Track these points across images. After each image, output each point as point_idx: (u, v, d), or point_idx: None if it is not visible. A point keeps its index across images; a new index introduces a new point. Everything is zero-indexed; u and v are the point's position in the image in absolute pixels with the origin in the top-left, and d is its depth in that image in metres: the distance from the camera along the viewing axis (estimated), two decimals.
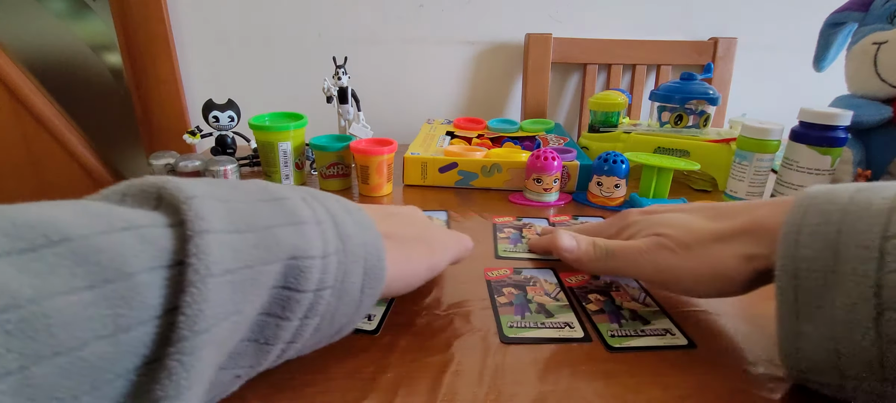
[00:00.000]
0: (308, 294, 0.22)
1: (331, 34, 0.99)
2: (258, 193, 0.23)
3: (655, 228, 0.32)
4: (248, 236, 0.20)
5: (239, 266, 0.19)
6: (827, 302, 0.23)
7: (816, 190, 0.26)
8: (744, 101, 1.06)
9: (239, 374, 0.22)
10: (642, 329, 0.33)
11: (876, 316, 0.21)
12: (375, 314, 0.34)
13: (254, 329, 0.21)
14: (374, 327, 0.33)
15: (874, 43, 0.56)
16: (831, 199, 0.24)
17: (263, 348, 0.22)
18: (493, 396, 0.27)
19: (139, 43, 0.94)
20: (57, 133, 1.02)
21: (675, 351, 0.31)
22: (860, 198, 0.24)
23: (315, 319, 0.23)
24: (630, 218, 0.36)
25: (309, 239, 0.22)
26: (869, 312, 0.21)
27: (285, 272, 0.21)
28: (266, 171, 0.61)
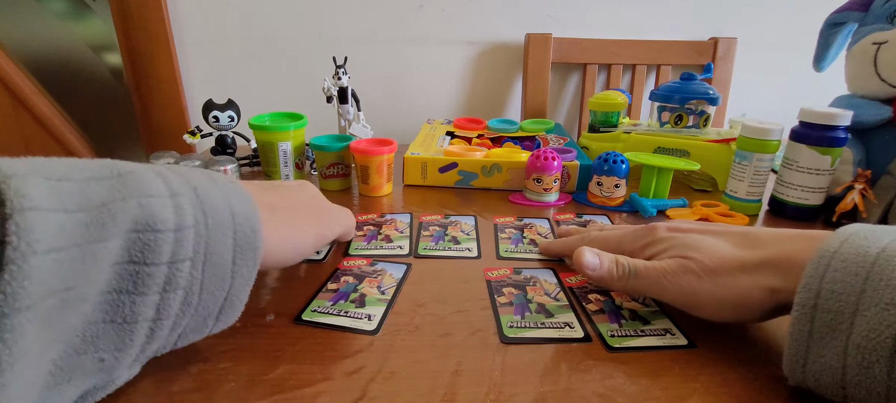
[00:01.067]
0: (162, 267, 0.22)
1: (331, 34, 0.99)
2: (99, 170, 0.22)
3: (682, 251, 0.32)
4: (78, 215, 0.20)
5: (66, 244, 0.19)
6: (844, 327, 0.23)
7: (858, 228, 0.26)
8: (744, 101, 1.07)
9: (103, 357, 0.22)
10: (642, 329, 0.33)
11: (893, 345, 0.21)
12: (375, 314, 0.34)
13: (105, 308, 0.21)
14: (374, 327, 0.33)
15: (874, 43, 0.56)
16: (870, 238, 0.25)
17: (124, 328, 0.22)
18: (493, 396, 0.27)
19: (139, 43, 0.94)
20: (57, 133, 1.02)
21: (675, 351, 0.31)
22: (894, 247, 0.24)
23: (178, 293, 0.23)
24: (658, 235, 0.35)
25: (155, 212, 0.22)
26: (888, 340, 0.21)
27: (128, 247, 0.21)
28: (266, 171, 0.61)
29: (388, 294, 0.37)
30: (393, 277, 0.39)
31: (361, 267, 0.41)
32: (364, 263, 0.42)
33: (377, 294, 0.37)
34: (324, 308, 0.35)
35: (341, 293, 0.37)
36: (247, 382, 0.28)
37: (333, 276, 0.39)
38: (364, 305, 0.35)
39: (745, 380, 0.28)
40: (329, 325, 0.33)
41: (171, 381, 0.27)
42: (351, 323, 0.33)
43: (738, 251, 0.30)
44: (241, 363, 0.29)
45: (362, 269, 0.40)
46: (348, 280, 0.39)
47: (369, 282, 0.38)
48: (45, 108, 1.00)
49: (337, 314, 0.34)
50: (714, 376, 0.29)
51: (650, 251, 0.34)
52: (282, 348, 0.31)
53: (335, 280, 0.38)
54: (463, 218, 0.52)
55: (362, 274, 0.40)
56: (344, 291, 0.37)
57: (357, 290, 0.37)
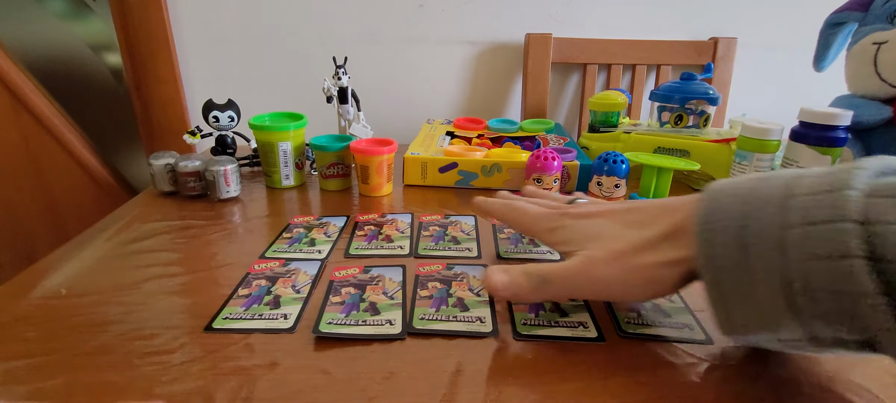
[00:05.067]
0: None
1: (331, 34, 0.99)
2: None
3: (583, 244, 0.32)
4: None
5: None
6: (749, 295, 0.24)
7: (722, 184, 0.27)
8: (744, 101, 1.06)
9: None
10: (662, 321, 0.33)
11: (788, 303, 0.22)
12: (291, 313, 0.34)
13: None
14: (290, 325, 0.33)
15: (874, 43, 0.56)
16: (733, 193, 0.26)
17: None
18: (493, 395, 0.27)
19: (139, 43, 0.94)
20: (57, 133, 1.02)
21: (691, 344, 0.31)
22: (757, 189, 0.25)
23: None
24: (563, 222, 0.35)
25: None
26: (783, 300, 0.23)
27: None
28: (266, 171, 0.61)
29: (303, 292, 0.37)
30: (307, 274, 0.40)
31: (274, 268, 0.41)
32: (276, 264, 0.41)
33: (292, 293, 0.37)
34: (236, 314, 0.34)
35: (254, 297, 0.36)
36: (249, 386, 0.28)
37: (244, 282, 0.39)
38: (278, 306, 0.35)
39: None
40: (243, 329, 0.32)
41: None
42: (266, 324, 0.33)
43: (635, 231, 0.31)
44: None
45: (274, 271, 0.40)
46: (260, 283, 0.38)
47: (283, 283, 0.38)
48: (45, 108, 1.00)
49: (250, 318, 0.34)
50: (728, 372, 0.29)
51: (556, 236, 0.35)
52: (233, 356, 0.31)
53: (246, 285, 0.38)
54: (463, 218, 0.52)
55: (275, 275, 0.40)
56: (257, 295, 0.37)
57: (270, 292, 0.37)
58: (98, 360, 0.29)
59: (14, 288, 0.38)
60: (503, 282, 0.32)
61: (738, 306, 0.25)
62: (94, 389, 0.27)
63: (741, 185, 0.26)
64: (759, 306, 0.24)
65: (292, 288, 0.38)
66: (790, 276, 0.22)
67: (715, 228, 0.25)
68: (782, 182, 0.25)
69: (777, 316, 0.23)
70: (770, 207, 0.24)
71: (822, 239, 0.21)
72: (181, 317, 0.34)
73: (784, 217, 0.23)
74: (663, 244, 0.29)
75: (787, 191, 0.24)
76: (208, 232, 0.48)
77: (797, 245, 0.22)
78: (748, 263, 0.24)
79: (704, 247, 0.26)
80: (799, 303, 0.22)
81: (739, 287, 0.24)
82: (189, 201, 0.56)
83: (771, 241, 0.23)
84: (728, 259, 0.25)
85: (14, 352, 0.30)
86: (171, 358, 0.30)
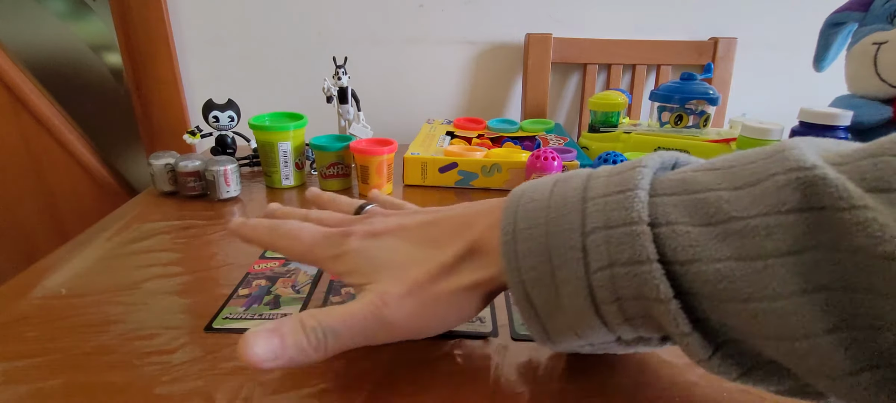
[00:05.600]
0: None
1: (331, 34, 0.99)
2: None
3: (374, 275, 0.27)
4: None
5: None
6: (556, 305, 0.23)
7: (523, 189, 0.26)
8: (744, 101, 1.06)
9: None
10: None
11: (595, 310, 0.22)
12: (291, 314, 0.34)
13: None
14: None
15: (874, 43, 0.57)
16: (535, 197, 0.25)
17: None
18: (493, 395, 0.27)
19: (139, 43, 0.94)
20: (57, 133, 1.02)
21: None
22: (557, 192, 0.24)
23: None
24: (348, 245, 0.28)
25: None
26: (590, 308, 0.22)
27: None
28: (266, 171, 0.61)
29: (303, 292, 0.37)
30: (307, 274, 0.40)
31: (274, 268, 0.41)
32: (276, 264, 0.41)
33: (292, 293, 0.37)
34: (236, 314, 0.34)
35: (254, 297, 0.36)
36: (248, 386, 0.28)
37: (244, 282, 0.39)
38: (278, 306, 0.35)
39: None
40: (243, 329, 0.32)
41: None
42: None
43: (430, 251, 0.27)
44: None
45: (274, 271, 0.40)
46: (260, 283, 0.38)
47: (283, 283, 0.38)
48: (45, 108, 1.00)
49: (250, 318, 0.34)
50: None
51: (340, 266, 0.28)
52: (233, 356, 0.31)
53: (246, 285, 0.38)
54: None
55: (275, 275, 0.40)
56: (257, 295, 0.37)
57: (271, 292, 0.37)
58: (98, 360, 0.29)
59: (14, 288, 0.38)
60: (269, 351, 0.23)
61: (549, 318, 0.24)
62: (94, 389, 0.27)
63: (542, 188, 0.25)
64: (569, 316, 0.23)
65: (292, 288, 0.38)
66: (595, 283, 0.21)
67: (520, 237, 0.24)
68: (580, 182, 0.24)
69: (587, 324, 0.23)
70: (570, 212, 0.23)
71: (622, 244, 0.21)
72: (181, 317, 0.34)
73: (585, 221, 0.22)
74: (463, 266, 0.26)
75: (584, 193, 0.23)
76: (208, 232, 0.48)
77: (599, 251, 0.21)
78: (554, 274, 0.23)
79: (511, 262, 0.24)
80: (604, 311, 0.22)
81: (549, 299, 0.23)
82: (189, 201, 0.56)
83: (574, 248, 0.22)
84: (535, 270, 0.23)
85: (14, 352, 0.30)
86: (171, 358, 0.30)
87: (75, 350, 0.30)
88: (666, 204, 0.21)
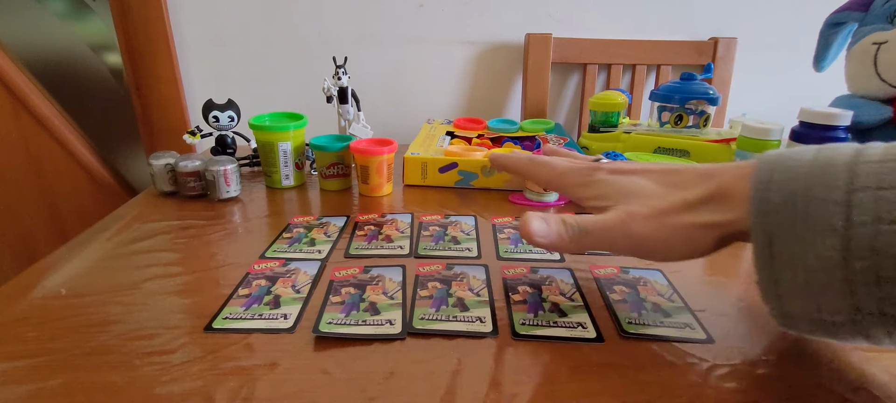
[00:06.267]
0: None
1: (331, 34, 0.99)
2: None
3: (623, 199, 0.31)
4: None
5: None
6: (800, 256, 0.23)
7: (777, 152, 0.27)
8: (744, 101, 1.06)
9: None
10: (662, 320, 0.34)
11: (845, 266, 0.22)
12: (291, 313, 0.34)
13: None
14: (289, 325, 0.33)
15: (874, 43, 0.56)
16: (795, 157, 0.25)
17: None
18: (493, 395, 0.27)
19: (139, 43, 0.94)
20: (57, 133, 1.02)
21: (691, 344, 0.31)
22: (823, 156, 0.25)
23: None
24: (597, 176, 0.34)
25: None
26: (840, 262, 0.22)
27: None
28: (266, 171, 0.61)
29: (303, 292, 0.37)
30: (307, 274, 0.40)
31: (274, 268, 0.41)
32: (276, 264, 0.41)
33: (292, 293, 0.37)
34: (236, 314, 0.34)
35: (254, 297, 0.36)
36: (249, 387, 0.28)
37: (244, 282, 0.39)
38: (279, 306, 0.35)
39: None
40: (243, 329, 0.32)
41: None
42: (266, 324, 0.33)
43: (677, 191, 0.30)
44: None
45: (274, 270, 0.40)
46: (260, 283, 0.38)
47: (283, 283, 0.38)
48: (45, 108, 1.00)
49: (250, 318, 0.34)
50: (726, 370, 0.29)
51: (589, 191, 0.34)
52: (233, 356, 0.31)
53: (246, 285, 0.38)
54: (463, 219, 0.52)
55: (275, 275, 0.40)
56: (257, 295, 0.37)
57: (270, 292, 0.37)
58: (98, 360, 0.29)
59: (14, 288, 0.38)
60: (541, 230, 0.31)
61: (786, 270, 0.24)
62: (94, 389, 0.27)
63: (805, 152, 0.26)
64: (810, 270, 0.23)
65: (292, 288, 0.38)
66: (852, 237, 0.22)
67: (775, 188, 0.25)
68: (851, 149, 0.24)
69: (827, 282, 0.23)
70: (838, 170, 0.23)
71: (893, 203, 0.21)
72: (181, 317, 0.34)
73: (852, 180, 0.22)
74: (703, 207, 0.28)
75: (855, 158, 0.23)
76: (208, 232, 0.48)
77: (865, 206, 0.22)
78: (808, 222, 0.23)
79: (761, 207, 0.25)
80: (855, 268, 0.22)
81: (793, 248, 0.24)
82: (189, 201, 0.56)
83: (836, 203, 0.22)
84: (786, 218, 0.24)
85: (14, 352, 0.30)
86: (171, 358, 0.30)
87: (75, 350, 0.30)
88: None
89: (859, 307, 0.22)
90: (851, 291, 0.22)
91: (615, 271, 0.41)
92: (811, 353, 0.31)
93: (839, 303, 0.23)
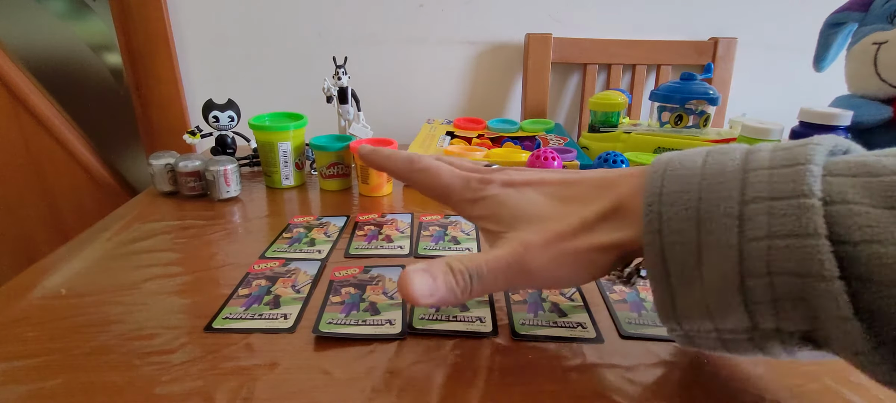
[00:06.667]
0: None
1: (331, 34, 0.99)
2: None
3: (516, 223, 0.28)
4: None
5: None
6: (698, 277, 0.22)
7: (670, 157, 0.25)
8: (744, 101, 1.07)
9: None
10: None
11: (740, 283, 0.21)
12: (291, 313, 0.34)
13: None
14: (289, 325, 0.33)
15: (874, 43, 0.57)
16: (686, 165, 0.24)
17: None
18: (493, 395, 0.27)
19: (139, 43, 0.94)
20: (57, 133, 1.02)
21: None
22: (712, 162, 0.23)
23: None
24: (488, 191, 0.30)
25: None
26: (735, 280, 0.21)
27: None
28: (266, 171, 0.61)
29: (303, 292, 0.37)
30: (307, 274, 0.40)
31: (274, 268, 0.41)
32: (276, 264, 0.41)
33: (292, 293, 0.37)
34: (236, 314, 0.34)
35: (254, 297, 0.36)
36: (250, 386, 0.28)
37: (244, 282, 0.39)
38: (278, 306, 0.35)
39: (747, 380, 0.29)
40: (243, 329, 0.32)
41: None
42: (266, 324, 0.33)
43: (573, 208, 0.27)
44: None
45: (274, 270, 0.40)
46: (260, 283, 0.38)
47: (283, 283, 0.38)
48: (45, 108, 1.00)
49: (250, 318, 0.34)
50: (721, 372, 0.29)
51: (479, 210, 0.30)
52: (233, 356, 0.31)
53: (246, 285, 0.38)
54: (463, 219, 0.52)
55: (275, 275, 0.40)
56: (257, 295, 0.37)
57: (270, 292, 0.37)
58: (98, 360, 0.29)
59: (14, 288, 0.38)
60: (427, 288, 0.25)
61: (683, 288, 0.23)
62: (94, 389, 0.27)
63: (694, 157, 0.24)
64: (706, 289, 0.22)
65: (292, 288, 0.38)
66: (747, 253, 0.20)
67: (666, 201, 0.23)
68: (739, 154, 0.23)
69: (725, 300, 0.22)
70: (729, 180, 0.22)
71: (786, 216, 0.20)
72: (181, 317, 0.34)
73: (744, 190, 0.21)
74: (602, 225, 0.26)
75: (745, 164, 0.22)
76: (208, 232, 0.48)
77: (758, 220, 0.20)
78: (701, 239, 0.22)
79: (653, 224, 0.23)
80: (750, 285, 0.21)
81: (688, 267, 0.22)
82: (189, 201, 0.56)
83: (729, 216, 0.21)
84: (679, 235, 0.22)
85: (14, 352, 0.30)
86: (171, 358, 0.30)
87: (75, 350, 0.30)
88: (842, 184, 0.20)
89: (757, 325, 0.21)
90: (748, 310, 0.21)
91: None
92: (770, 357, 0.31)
93: (736, 321, 0.22)
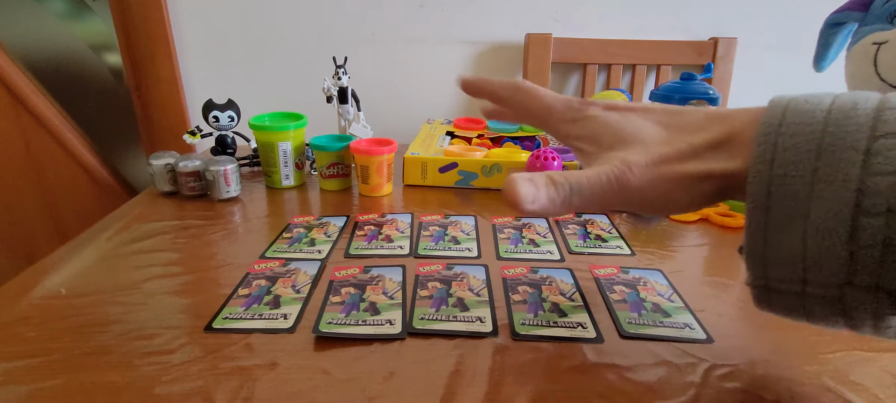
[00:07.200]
0: None
1: (331, 34, 0.99)
2: None
3: (618, 144, 0.27)
4: None
5: None
6: (801, 213, 0.21)
7: (793, 95, 0.24)
8: (744, 101, 1.06)
9: None
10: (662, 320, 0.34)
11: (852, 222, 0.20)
12: (291, 313, 0.34)
13: None
14: (289, 325, 0.33)
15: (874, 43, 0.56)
16: (811, 100, 0.23)
17: None
18: (493, 395, 0.27)
19: (139, 43, 0.94)
20: (57, 133, 1.02)
21: (691, 344, 0.31)
22: (843, 99, 0.22)
23: None
24: (590, 111, 0.30)
25: None
26: (846, 218, 0.20)
27: None
28: (266, 171, 0.61)
29: (303, 292, 0.37)
30: (307, 274, 0.40)
31: (274, 268, 0.41)
32: (276, 264, 0.41)
33: (292, 293, 0.37)
34: (235, 314, 0.34)
35: (254, 297, 0.36)
36: (249, 386, 0.28)
37: (244, 282, 0.39)
38: (278, 306, 0.35)
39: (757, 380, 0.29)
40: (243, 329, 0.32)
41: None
42: (266, 324, 0.33)
43: (681, 135, 0.27)
44: None
45: (274, 270, 0.40)
46: (260, 283, 0.38)
47: (283, 282, 0.38)
48: (45, 108, 1.00)
49: (250, 318, 0.34)
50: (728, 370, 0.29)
51: (579, 129, 0.30)
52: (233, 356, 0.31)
53: (246, 285, 0.38)
54: (463, 219, 0.52)
55: (275, 275, 0.40)
56: (257, 295, 0.37)
57: (270, 292, 0.37)
58: (98, 360, 0.29)
59: (14, 288, 0.38)
60: (530, 195, 0.26)
61: (782, 227, 0.22)
62: (94, 389, 0.27)
63: (821, 95, 0.23)
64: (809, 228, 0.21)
65: (292, 288, 0.38)
66: (868, 189, 0.19)
67: (785, 132, 0.22)
68: (874, 95, 0.22)
69: (826, 244, 0.20)
70: (860, 115, 0.21)
71: None
72: (181, 317, 0.34)
73: (876, 126, 0.20)
74: (710, 153, 0.25)
75: (881, 103, 0.21)
76: (208, 232, 0.48)
77: (888, 155, 0.19)
78: (817, 172, 0.21)
79: (765, 154, 0.22)
80: (862, 224, 0.19)
81: (795, 202, 0.21)
82: (189, 201, 0.56)
83: (855, 149, 0.20)
84: (794, 166, 0.21)
85: (14, 352, 0.30)
86: (171, 358, 0.30)
87: (75, 350, 0.30)
88: None
89: (853, 278, 0.20)
90: (851, 256, 0.20)
91: (615, 271, 0.41)
92: (811, 353, 0.31)
93: (832, 272, 0.21)
